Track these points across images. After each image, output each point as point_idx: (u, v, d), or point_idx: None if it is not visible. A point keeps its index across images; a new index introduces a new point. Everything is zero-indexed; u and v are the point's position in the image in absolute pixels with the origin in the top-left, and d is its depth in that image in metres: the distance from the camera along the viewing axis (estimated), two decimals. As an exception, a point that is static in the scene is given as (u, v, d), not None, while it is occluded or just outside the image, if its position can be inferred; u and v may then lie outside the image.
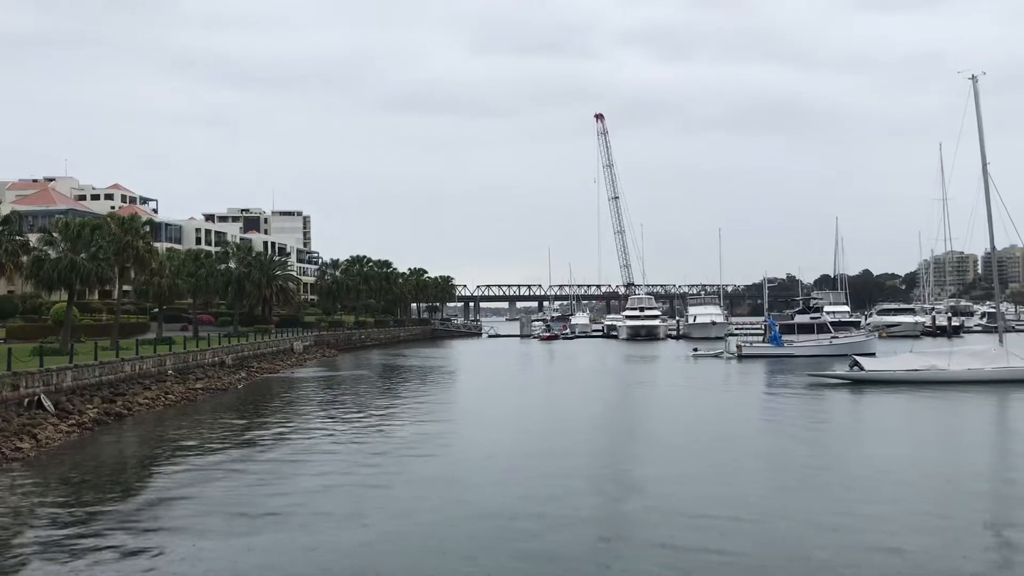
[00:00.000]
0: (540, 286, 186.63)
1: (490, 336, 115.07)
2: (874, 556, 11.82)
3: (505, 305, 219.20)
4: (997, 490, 16.71)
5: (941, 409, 29.58)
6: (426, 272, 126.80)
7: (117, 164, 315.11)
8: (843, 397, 33.38)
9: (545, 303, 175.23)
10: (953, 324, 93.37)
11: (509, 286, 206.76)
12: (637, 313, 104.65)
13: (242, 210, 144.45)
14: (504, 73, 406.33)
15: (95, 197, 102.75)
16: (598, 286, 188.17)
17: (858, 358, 40.21)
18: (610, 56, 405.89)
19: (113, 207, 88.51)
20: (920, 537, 12.75)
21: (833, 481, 17.00)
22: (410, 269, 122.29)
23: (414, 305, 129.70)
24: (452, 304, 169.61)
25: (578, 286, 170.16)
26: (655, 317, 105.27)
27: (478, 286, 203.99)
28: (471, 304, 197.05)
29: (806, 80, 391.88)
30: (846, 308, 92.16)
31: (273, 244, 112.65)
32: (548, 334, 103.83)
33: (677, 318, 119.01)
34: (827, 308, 78.48)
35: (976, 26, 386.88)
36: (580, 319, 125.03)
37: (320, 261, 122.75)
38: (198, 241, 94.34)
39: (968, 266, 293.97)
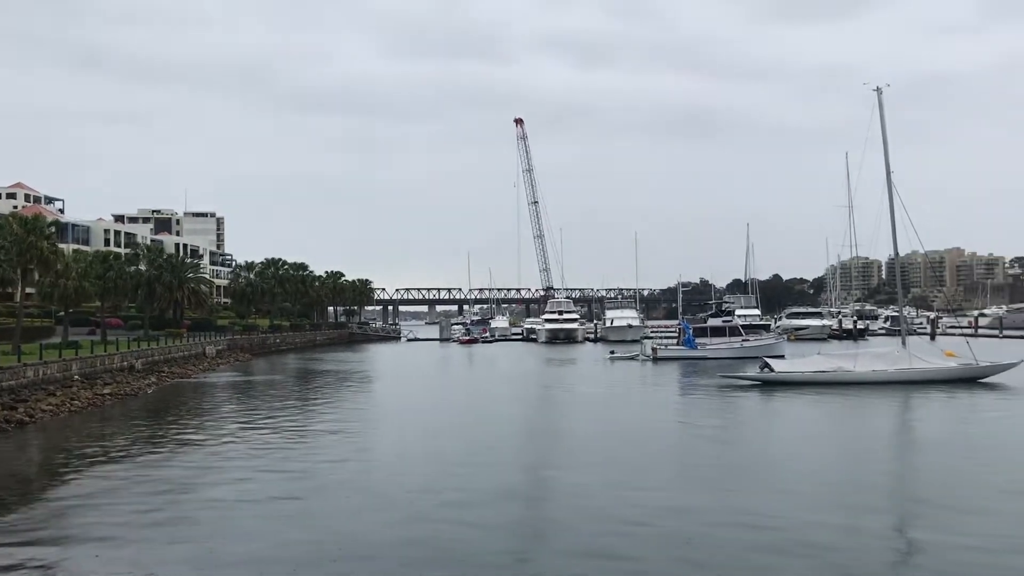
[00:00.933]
0: (460, 290, 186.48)
1: (409, 340, 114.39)
2: (773, 554, 12.16)
3: (424, 309, 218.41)
4: (894, 487, 17.36)
5: (847, 409, 30.55)
6: (343, 275, 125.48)
7: (21, 162, 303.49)
8: (754, 398, 34.21)
9: (465, 307, 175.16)
10: (858, 327, 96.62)
11: (428, 289, 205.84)
12: (556, 317, 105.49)
13: (153, 211, 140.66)
14: (419, 76, 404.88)
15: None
16: (518, 290, 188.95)
17: (768, 360, 41.37)
18: (527, 61, 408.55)
19: (16, 207, 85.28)
20: (817, 534, 13.16)
21: (742, 482, 17.41)
22: (327, 272, 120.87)
23: (331, 308, 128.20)
24: (370, 308, 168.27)
25: (498, 290, 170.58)
26: (573, 321, 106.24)
27: (397, 289, 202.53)
28: (390, 308, 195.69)
29: (721, 89, 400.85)
30: (757, 312, 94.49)
31: (185, 246, 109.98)
32: (467, 338, 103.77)
33: (595, 321, 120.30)
34: (738, 312, 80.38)
35: (882, 40, 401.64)
36: (500, 323, 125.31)
37: (234, 264, 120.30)
38: (107, 242, 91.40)
39: (873, 271, 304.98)
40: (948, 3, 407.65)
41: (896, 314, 62.64)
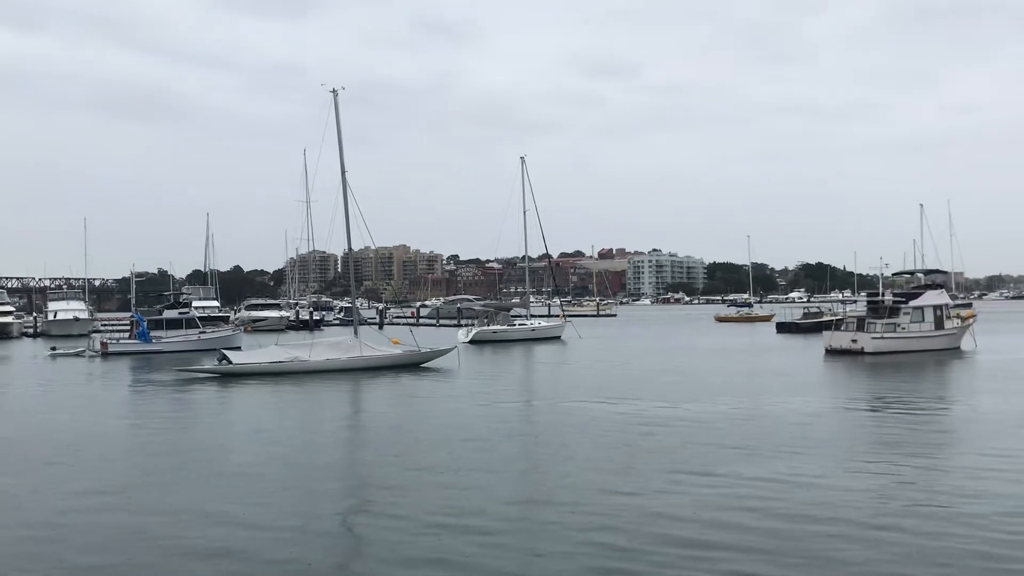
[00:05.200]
0: None
1: None
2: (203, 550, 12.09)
3: None
4: (346, 471, 18.34)
5: (301, 397, 31.59)
6: None
7: None
8: (211, 390, 33.68)
9: None
10: (315, 318, 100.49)
11: None
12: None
13: None
14: None
15: None
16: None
17: (226, 352, 41.08)
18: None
19: None
20: (266, 527, 13.40)
21: (190, 475, 16.96)
22: None
23: None
24: None
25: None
26: (8, 314, 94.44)
27: None
28: None
29: (176, 73, 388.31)
30: (216, 303, 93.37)
31: None
32: None
33: (35, 314, 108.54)
34: (196, 303, 78.63)
35: (335, 45, 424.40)
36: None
37: None
38: None
39: (330, 264, 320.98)
40: (383, 17, 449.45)
41: (349, 305, 66.49)
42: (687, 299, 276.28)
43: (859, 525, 12.13)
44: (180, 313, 63.10)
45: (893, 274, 61.77)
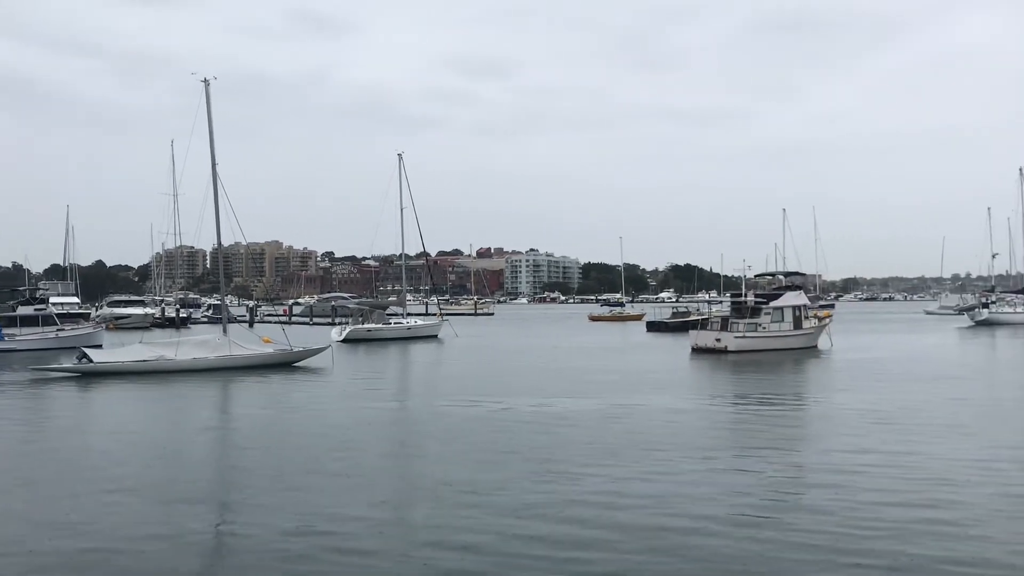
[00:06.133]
0: None
1: None
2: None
3: None
4: (208, 478, 17.88)
5: (166, 398, 30.53)
6: None
7: None
8: (70, 390, 32.23)
9: None
10: (182, 315, 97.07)
11: None
12: None
13: None
14: None
15: None
16: None
17: (87, 350, 39.43)
18: None
19: None
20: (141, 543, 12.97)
21: (43, 484, 16.22)
22: None
23: None
24: None
25: None
26: None
27: None
28: None
29: (35, 57, 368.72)
30: (76, 299, 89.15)
31: None
32: None
33: None
34: (54, 299, 75.01)
35: (206, 34, 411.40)
36: None
37: None
38: None
39: (198, 260, 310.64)
40: (256, 7, 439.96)
41: (218, 302, 64.73)
42: (563, 298, 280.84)
43: (712, 535, 12.34)
44: (36, 309, 60.21)
45: (755, 275, 64.62)
